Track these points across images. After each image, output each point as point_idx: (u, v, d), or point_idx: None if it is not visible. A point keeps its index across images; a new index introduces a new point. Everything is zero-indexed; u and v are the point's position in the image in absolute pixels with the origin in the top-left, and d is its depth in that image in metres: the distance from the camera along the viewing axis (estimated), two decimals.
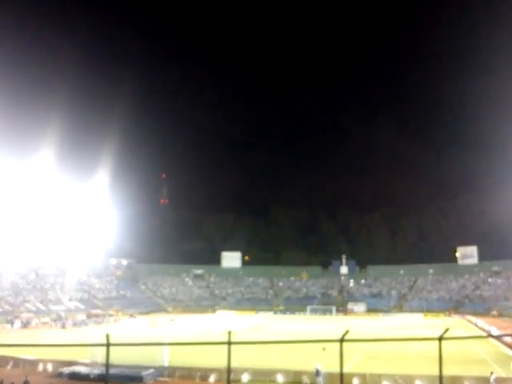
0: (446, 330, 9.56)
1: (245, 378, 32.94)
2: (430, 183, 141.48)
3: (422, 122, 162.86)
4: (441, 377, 9.74)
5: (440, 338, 9.35)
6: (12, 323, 71.87)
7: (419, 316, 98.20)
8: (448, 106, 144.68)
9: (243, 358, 31.23)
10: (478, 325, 74.65)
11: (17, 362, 37.38)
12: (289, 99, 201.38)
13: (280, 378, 32.95)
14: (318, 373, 31.62)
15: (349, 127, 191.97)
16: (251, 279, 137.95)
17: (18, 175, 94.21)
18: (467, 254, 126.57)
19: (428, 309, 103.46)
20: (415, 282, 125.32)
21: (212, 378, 33.01)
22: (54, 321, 76.68)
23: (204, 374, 33.68)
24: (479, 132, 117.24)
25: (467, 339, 49.78)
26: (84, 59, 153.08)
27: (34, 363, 36.95)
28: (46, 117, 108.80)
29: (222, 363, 30.05)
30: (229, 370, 9.04)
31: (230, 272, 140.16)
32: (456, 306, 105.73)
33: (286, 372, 33.33)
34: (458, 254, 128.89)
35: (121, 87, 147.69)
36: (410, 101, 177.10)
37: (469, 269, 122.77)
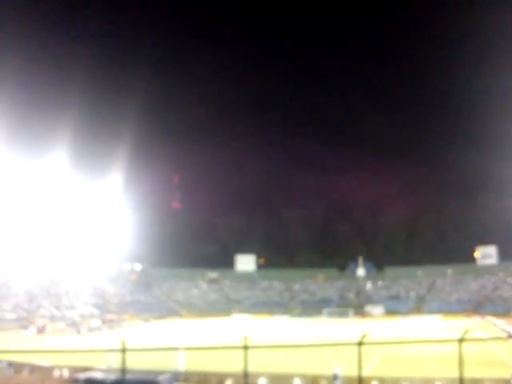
0: (466, 331, 9.73)
1: (261, 382, 32.32)
2: (448, 182, 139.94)
3: (439, 120, 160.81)
4: (461, 379, 9.67)
5: (460, 340, 9.29)
6: (28, 329, 72.12)
7: (438, 318, 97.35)
8: (466, 102, 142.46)
9: (260, 363, 30.78)
10: (499, 326, 73.66)
11: (33, 368, 36.66)
12: (301, 99, 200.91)
13: (297, 382, 32.24)
14: (336, 377, 30.82)
15: (363, 126, 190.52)
16: (266, 282, 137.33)
17: (32, 179, 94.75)
18: (486, 254, 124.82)
19: (447, 310, 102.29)
20: (434, 283, 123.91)
21: (228, 383, 32.49)
22: (69, 326, 76.89)
23: (220, 378, 32.98)
24: (498, 129, 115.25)
25: (487, 341, 49.05)
26: (98, 59, 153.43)
27: (49, 369, 36.37)
28: (58, 118, 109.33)
29: (238, 368, 29.77)
30: (246, 374, 8.72)
31: (245, 275, 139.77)
32: (476, 307, 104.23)
33: (303, 376, 32.63)
34: (477, 254, 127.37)
35: (135, 89, 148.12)
36: (426, 99, 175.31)
37: (488, 269, 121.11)
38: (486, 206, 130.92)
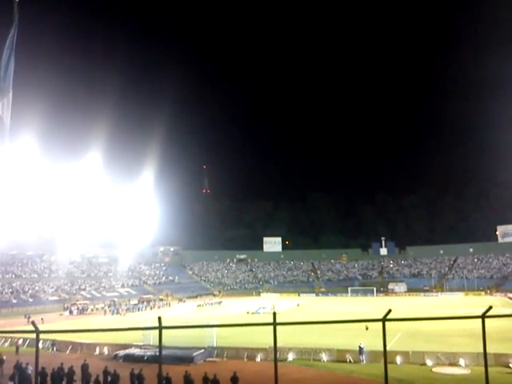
0: (490, 307, 9.33)
1: (290, 356, 33.78)
2: (469, 162, 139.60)
3: (457, 104, 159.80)
4: (485, 354, 9.38)
5: (483, 316, 9.18)
6: (69, 310, 75.08)
7: (460, 295, 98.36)
8: (481, 87, 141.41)
9: (288, 338, 32.56)
10: None
11: (75, 346, 39.34)
12: (327, 86, 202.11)
13: (324, 356, 33.53)
14: (361, 351, 32.44)
15: (384, 110, 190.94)
16: (292, 263, 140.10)
17: (72, 173, 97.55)
18: (508, 233, 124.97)
19: (469, 287, 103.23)
20: (455, 261, 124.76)
21: (259, 358, 34.13)
22: (109, 307, 79.15)
23: (251, 353, 34.72)
24: None
25: (510, 317, 49.39)
26: (129, 63, 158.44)
27: (91, 347, 38.94)
28: (95, 117, 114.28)
29: (267, 342, 31.52)
30: (275, 350, 8.90)
31: (272, 256, 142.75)
32: (497, 285, 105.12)
33: (329, 351, 33.92)
34: (498, 233, 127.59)
35: (164, 87, 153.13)
36: (443, 89, 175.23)
37: (510, 247, 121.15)
38: (506, 186, 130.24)
